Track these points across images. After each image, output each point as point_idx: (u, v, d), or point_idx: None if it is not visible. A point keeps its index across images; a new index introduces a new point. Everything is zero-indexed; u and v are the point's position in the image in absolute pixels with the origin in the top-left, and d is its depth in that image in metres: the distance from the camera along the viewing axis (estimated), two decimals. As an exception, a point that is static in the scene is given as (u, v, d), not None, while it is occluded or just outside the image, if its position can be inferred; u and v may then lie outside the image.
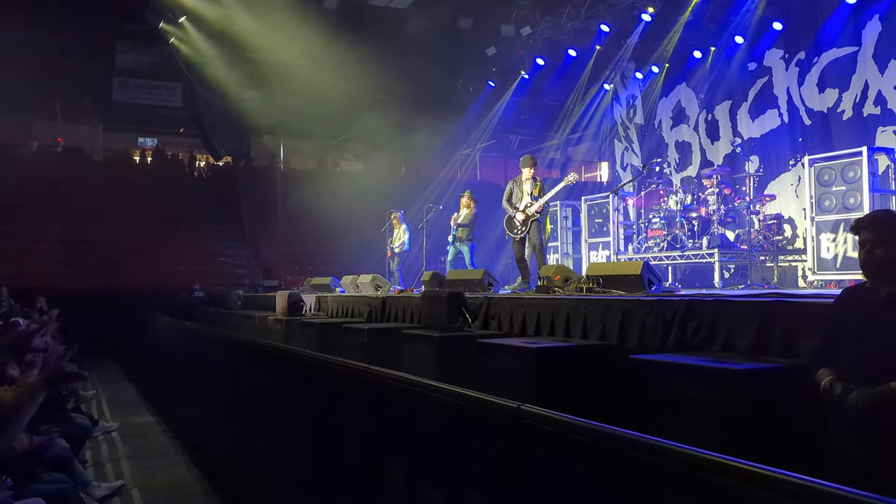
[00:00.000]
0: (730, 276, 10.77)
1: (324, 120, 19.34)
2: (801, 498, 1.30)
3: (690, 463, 1.52)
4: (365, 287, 9.83)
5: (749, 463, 1.42)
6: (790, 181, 12.26)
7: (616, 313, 4.66)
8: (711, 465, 1.48)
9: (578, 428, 1.82)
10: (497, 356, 4.69)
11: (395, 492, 2.86)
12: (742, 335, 3.80)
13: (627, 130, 16.67)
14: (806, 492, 1.29)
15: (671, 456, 1.57)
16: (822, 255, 8.86)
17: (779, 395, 3.07)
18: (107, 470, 6.13)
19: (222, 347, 6.18)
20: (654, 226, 11.53)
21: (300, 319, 8.15)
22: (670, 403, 3.40)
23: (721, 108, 13.84)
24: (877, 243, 2.81)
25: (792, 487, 1.32)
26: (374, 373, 3.05)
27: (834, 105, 11.62)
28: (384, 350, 6.14)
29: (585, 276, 6.28)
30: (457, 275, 8.60)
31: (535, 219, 8.29)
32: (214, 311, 11.65)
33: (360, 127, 19.77)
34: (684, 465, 1.53)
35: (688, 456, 1.54)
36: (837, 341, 2.89)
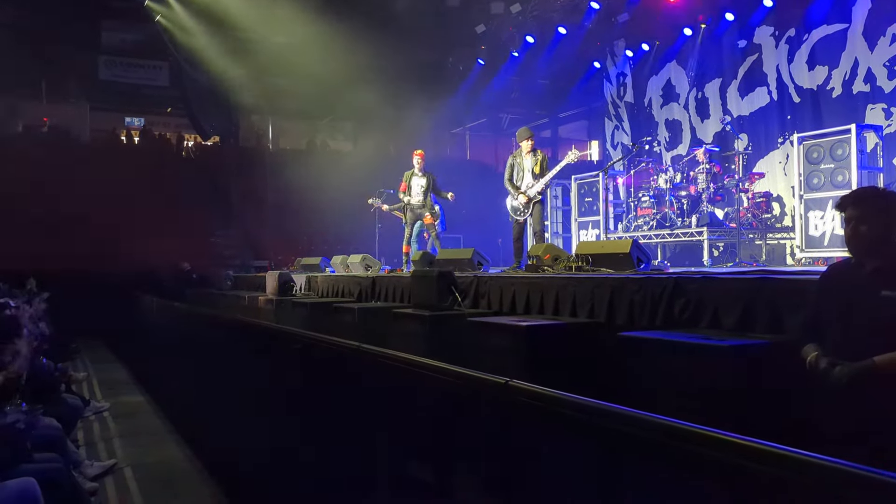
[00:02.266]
0: (719, 255, 10.83)
1: (312, 99, 19.22)
2: (786, 468, 1.33)
3: (679, 436, 1.54)
4: (355, 267, 9.83)
5: (738, 436, 1.44)
6: (779, 159, 12.31)
7: (605, 291, 4.69)
8: (699, 437, 1.50)
9: (566, 402, 1.84)
10: (487, 334, 4.72)
11: (385, 468, 2.88)
12: (729, 312, 3.84)
13: (618, 109, 16.64)
14: (791, 462, 1.31)
15: (660, 429, 1.59)
16: (810, 233, 8.92)
17: (765, 370, 3.11)
18: (99, 449, 6.15)
19: (213, 327, 6.19)
20: (644, 204, 11.56)
21: (291, 299, 8.16)
22: (658, 380, 3.44)
23: (711, 85, 13.83)
24: (862, 220, 2.84)
25: (777, 458, 1.35)
26: (365, 351, 3.06)
27: (823, 82, 11.64)
28: (374, 329, 6.16)
29: (574, 255, 6.30)
30: (447, 254, 8.60)
31: (537, 200, 8.20)
32: (204, 291, 11.63)
33: (349, 106, 19.65)
34: (673, 438, 1.55)
35: (676, 429, 1.56)
36: (823, 317, 2.93)
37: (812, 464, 1.29)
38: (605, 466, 1.79)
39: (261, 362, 4.67)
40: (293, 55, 16.79)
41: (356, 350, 3.15)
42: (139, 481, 5.27)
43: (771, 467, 1.36)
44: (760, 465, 1.38)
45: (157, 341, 8.87)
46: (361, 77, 17.49)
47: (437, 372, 2.46)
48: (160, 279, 13.65)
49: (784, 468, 1.34)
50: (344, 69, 16.71)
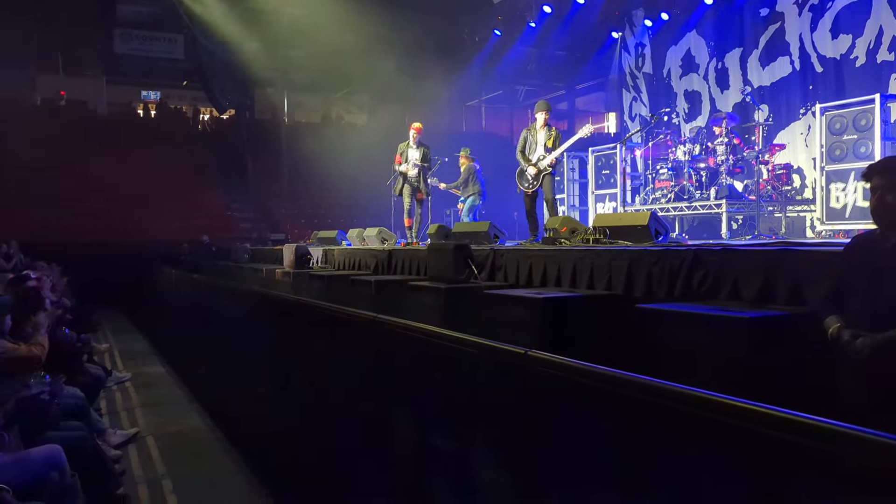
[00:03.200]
0: (737, 227, 10.73)
1: (327, 72, 19.13)
2: (804, 435, 1.32)
3: (697, 404, 1.54)
4: (371, 240, 9.85)
5: (755, 403, 1.44)
6: (800, 130, 12.11)
7: (622, 263, 4.66)
8: (718, 405, 1.50)
9: (586, 372, 1.84)
10: (503, 307, 4.71)
11: (404, 439, 2.91)
12: (749, 284, 3.80)
13: (636, 80, 16.41)
14: (812, 430, 1.31)
15: (679, 398, 1.58)
16: (831, 205, 8.80)
17: (785, 342, 3.09)
18: (122, 418, 6.26)
19: (231, 299, 6.24)
20: (662, 177, 11.44)
21: (307, 272, 8.19)
22: (676, 352, 3.42)
23: (731, 55, 13.59)
24: (887, 190, 2.79)
25: (796, 426, 1.34)
26: (383, 322, 3.07)
27: (847, 51, 11.40)
28: (391, 302, 6.18)
29: (592, 228, 6.27)
30: (463, 227, 8.59)
31: (547, 173, 8.15)
32: (222, 264, 11.71)
33: (365, 79, 19.54)
34: (691, 406, 1.55)
35: (695, 398, 1.55)
36: (846, 289, 2.89)
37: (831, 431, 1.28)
38: (623, 436, 1.80)
39: (278, 333, 4.71)
40: (308, 27, 16.69)
41: (373, 321, 3.17)
42: (161, 449, 5.36)
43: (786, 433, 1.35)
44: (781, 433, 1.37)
45: (177, 313, 8.97)
46: (377, 49, 17.38)
47: (456, 342, 2.46)
48: (179, 252, 13.76)
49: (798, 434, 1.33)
50: (359, 41, 16.59)
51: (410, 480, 2.84)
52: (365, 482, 3.31)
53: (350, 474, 3.47)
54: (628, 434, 1.77)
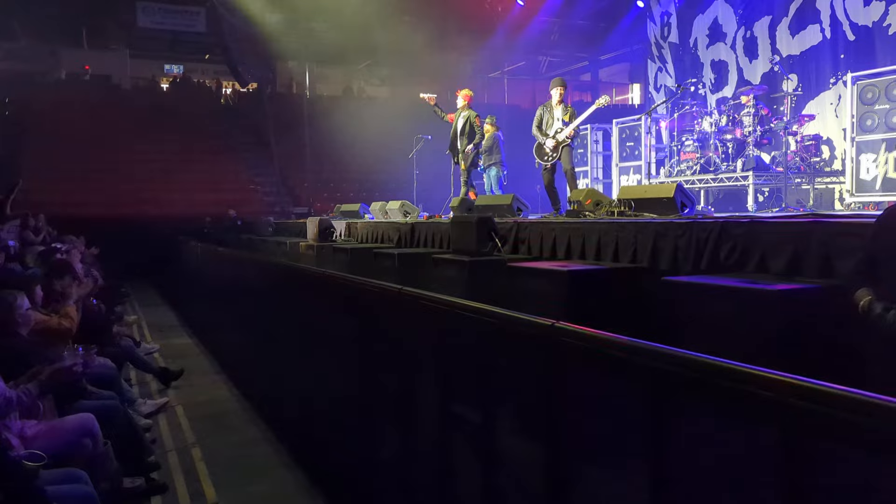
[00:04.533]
0: (764, 200, 10.58)
1: (349, 45, 19.02)
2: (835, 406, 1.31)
3: (726, 375, 1.53)
4: (394, 213, 9.86)
5: (785, 374, 1.43)
6: (830, 100, 11.85)
7: (648, 236, 4.62)
8: (747, 377, 1.49)
9: (614, 343, 1.84)
10: (528, 279, 4.70)
11: (431, 409, 2.93)
12: (777, 256, 3.75)
13: (661, 50, 16.13)
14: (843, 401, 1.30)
15: (707, 368, 1.58)
16: (861, 177, 8.64)
17: (815, 315, 3.06)
18: (151, 389, 6.39)
19: (257, 272, 6.30)
20: (688, 148, 11.29)
21: (331, 245, 8.23)
22: (704, 325, 3.40)
23: (760, 24, 13.28)
24: (924, 160, 2.73)
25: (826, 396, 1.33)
26: (408, 294, 3.09)
27: (880, 19, 11.08)
28: (414, 274, 6.19)
29: (616, 200, 6.21)
30: (486, 200, 8.56)
31: (566, 144, 8.12)
32: (246, 237, 11.81)
33: (385, 51, 19.39)
34: (720, 377, 1.54)
35: (724, 368, 1.55)
36: (877, 261, 2.85)
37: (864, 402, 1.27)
38: (651, 407, 1.79)
39: (305, 306, 4.75)
40: None
41: (399, 293, 3.18)
42: (190, 419, 5.47)
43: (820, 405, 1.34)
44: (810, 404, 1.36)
45: (203, 286, 9.09)
46: (398, 21, 17.23)
47: (483, 314, 2.47)
48: (205, 225, 13.89)
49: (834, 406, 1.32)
50: (380, 13, 16.46)
51: (436, 452, 2.87)
52: (389, 453, 3.35)
53: (375, 445, 3.51)
54: (655, 405, 1.77)
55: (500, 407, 2.53)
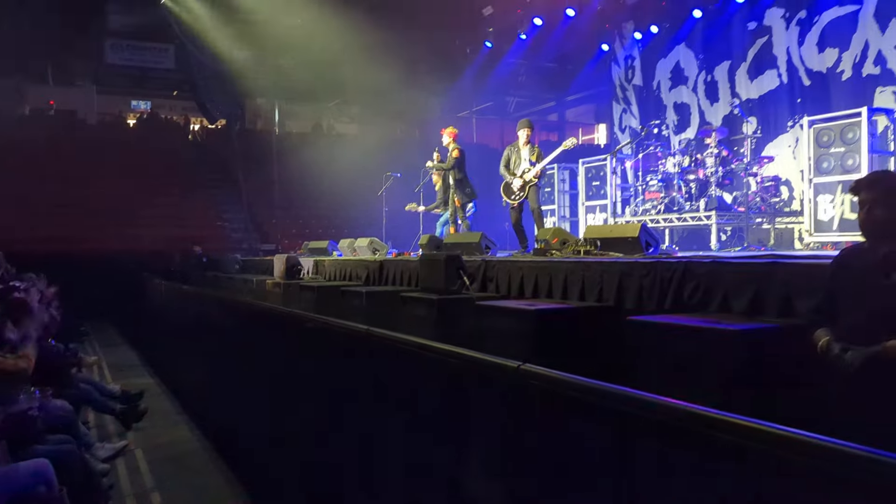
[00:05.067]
0: (726, 239, 10.80)
1: (319, 82, 19.17)
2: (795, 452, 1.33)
3: (689, 419, 1.55)
4: (362, 250, 9.84)
5: (749, 419, 1.45)
6: (788, 143, 12.21)
7: (614, 275, 4.68)
8: (708, 420, 1.51)
9: (579, 386, 1.84)
10: (495, 318, 4.72)
11: (397, 451, 2.90)
12: (739, 296, 3.82)
13: (626, 92, 16.52)
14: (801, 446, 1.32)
15: (671, 412, 1.59)
16: (819, 217, 8.87)
17: (775, 354, 3.11)
18: (110, 431, 6.21)
19: (221, 311, 6.21)
20: (652, 188, 11.50)
21: (298, 283, 8.17)
22: (668, 364, 3.43)
23: (720, 68, 13.70)
24: (876, 203, 2.82)
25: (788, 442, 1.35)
26: (376, 335, 3.07)
27: (833, 65, 11.52)
28: (382, 313, 6.17)
29: (583, 239, 6.29)
30: (455, 238, 8.60)
31: (532, 184, 8.25)
32: (212, 274, 11.66)
33: (356, 89, 19.58)
34: (683, 420, 1.56)
35: (686, 412, 1.56)
36: (835, 301, 2.91)
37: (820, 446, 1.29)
38: (616, 449, 1.80)
39: (269, 345, 4.69)
40: (300, 38, 16.73)
41: (366, 333, 3.16)
42: (150, 462, 5.32)
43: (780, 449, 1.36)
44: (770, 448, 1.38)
45: (166, 324, 8.92)
46: (368, 60, 17.42)
47: (448, 356, 2.47)
48: (170, 262, 13.69)
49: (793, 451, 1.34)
50: (351, 52, 16.65)
51: (404, 494, 2.83)
52: (356, 497, 3.29)
53: (342, 488, 3.45)
54: (620, 448, 1.78)
55: (468, 448, 2.51)
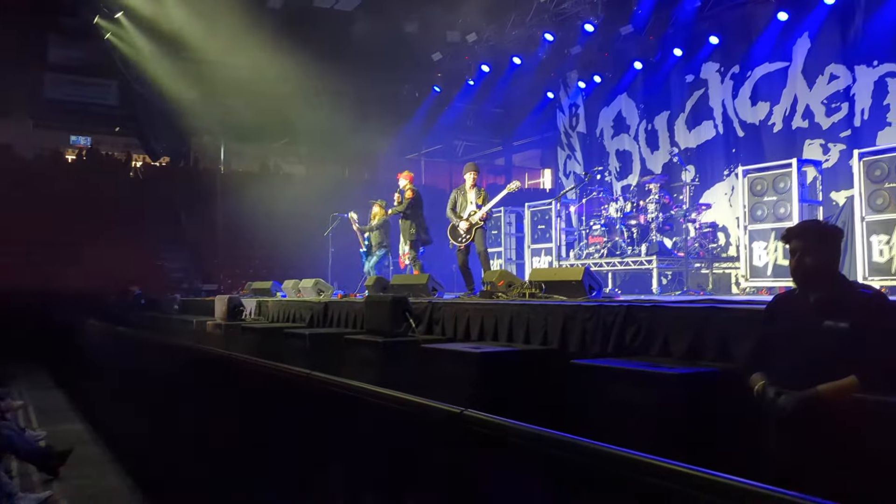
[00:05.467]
0: (667, 283, 11.05)
1: (266, 122, 19.08)
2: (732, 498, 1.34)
3: (629, 466, 1.55)
4: (307, 291, 9.72)
5: (685, 465, 1.46)
6: (724, 191, 12.66)
7: (558, 318, 4.73)
8: (650, 467, 1.51)
9: (521, 433, 1.83)
10: (441, 361, 4.70)
11: (337, 499, 2.82)
12: (679, 340, 3.90)
13: (570, 138, 16.94)
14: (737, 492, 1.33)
15: (611, 459, 1.59)
16: (754, 263, 9.17)
17: (714, 398, 3.16)
18: (34, 481, 5.88)
19: (157, 354, 6.01)
20: (595, 232, 11.74)
21: (240, 324, 8.01)
22: (610, 407, 3.46)
23: (660, 118, 14.20)
24: (806, 252, 2.92)
25: (724, 488, 1.36)
26: (316, 379, 3.01)
27: (765, 118, 12.07)
28: (326, 355, 6.08)
29: (528, 282, 6.35)
30: (401, 280, 8.58)
31: (479, 226, 8.33)
32: (150, 315, 11.33)
33: (304, 130, 19.54)
34: (623, 468, 1.56)
35: (627, 459, 1.57)
36: (769, 346, 2.99)
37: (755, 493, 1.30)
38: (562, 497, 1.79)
39: (207, 390, 4.55)
40: (249, 78, 16.68)
41: (307, 378, 3.10)
42: (76, 514, 5.05)
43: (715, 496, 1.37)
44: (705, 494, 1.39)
45: (99, 367, 8.58)
46: (317, 101, 17.47)
47: (390, 401, 2.43)
48: (106, 303, 13.25)
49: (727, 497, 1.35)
50: (299, 92, 16.66)
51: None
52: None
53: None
54: (565, 495, 1.77)
55: (410, 496, 2.46)
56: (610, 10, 13.22)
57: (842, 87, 10.93)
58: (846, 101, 10.85)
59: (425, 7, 15.81)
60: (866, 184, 7.75)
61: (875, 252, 7.64)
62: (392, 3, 15.75)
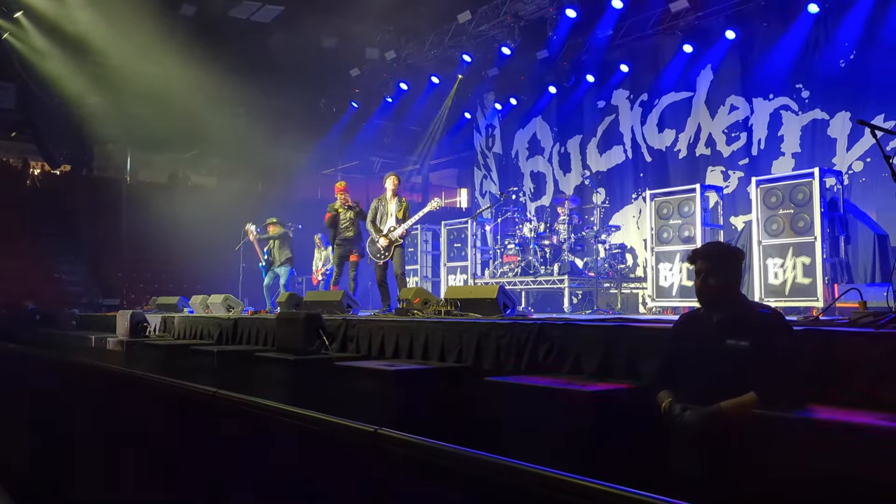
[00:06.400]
0: (578, 302, 11.32)
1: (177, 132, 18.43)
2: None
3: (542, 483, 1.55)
4: (216, 307, 9.40)
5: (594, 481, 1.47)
6: (632, 213, 13.14)
7: (473, 336, 4.74)
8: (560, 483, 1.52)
9: (436, 451, 1.81)
10: (355, 379, 4.63)
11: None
12: (590, 357, 3.98)
13: (486, 159, 17.20)
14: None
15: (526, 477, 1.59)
16: (660, 283, 9.52)
17: (623, 415, 3.24)
18: None
19: (50, 372, 5.65)
20: (510, 252, 11.92)
21: (143, 341, 7.66)
22: (524, 423, 3.49)
23: (573, 141, 14.62)
24: (710, 273, 3.04)
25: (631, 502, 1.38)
26: (223, 397, 2.89)
27: (671, 144, 12.63)
28: (235, 374, 5.88)
29: (444, 299, 6.36)
30: (315, 296, 8.43)
31: (398, 244, 8.26)
32: (44, 331, 10.68)
33: (216, 141, 19.01)
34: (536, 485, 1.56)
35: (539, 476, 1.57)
36: (675, 364, 3.09)
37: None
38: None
39: (106, 409, 4.30)
40: (157, 86, 16.10)
41: (213, 396, 2.98)
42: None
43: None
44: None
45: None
46: (230, 112, 17.05)
47: (302, 420, 2.36)
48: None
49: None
50: (212, 103, 16.21)
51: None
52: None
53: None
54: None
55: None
56: (526, 35, 13.54)
57: (741, 118, 11.58)
58: (745, 131, 11.50)
59: (344, 23, 15.75)
60: (763, 209, 8.20)
61: (770, 274, 8.07)
62: (310, 18, 15.58)
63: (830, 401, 2.77)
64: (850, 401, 2.76)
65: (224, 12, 16.43)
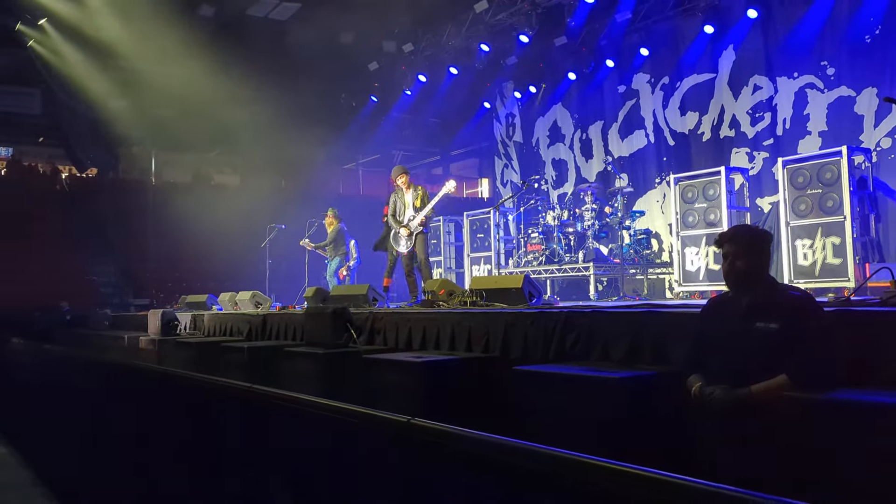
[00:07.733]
0: (603, 289, 11.28)
1: (199, 132, 18.63)
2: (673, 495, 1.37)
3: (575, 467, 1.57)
4: (244, 304, 9.52)
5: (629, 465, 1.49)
6: (656, 198, 13.03)
7: (499, 326, 4.76)
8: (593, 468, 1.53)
9: (469, 440, 1.84)
10: (383, 371, 4.67)
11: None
12: (617, 345, 3.98)
13: (507, 148, 17.14)
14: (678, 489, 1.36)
15: (557, 462, 1.61)
16: (687, 268, 9.45)
17: (652, 400, 3.24)
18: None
19: (86, 371, 5.78)
20: (533, 240, 11.90)
21: (174, 339, 7.78)
22: (552, 412, 3.50)
23: (594, 127, 14.52)
24: (738, 256, 3.02)
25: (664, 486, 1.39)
26: (257, 392, 2.94)
27: (694, 127, 12.49)
28: (266, 369, 5.96)
29: (469, 290, 6.38)
30: (341, 290, 8.49)
31: (419, 232, 8.29)
32: (78, 332, 10.89)
33: (238, 139, 19.19)
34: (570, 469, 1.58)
35: (572, 461, 1.58)
36: (704, 349, 3.08)
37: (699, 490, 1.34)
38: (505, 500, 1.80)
39: (141, 407, 4.39)
40: (180, 86, 16.28)
41: (247, 391, 3.03)
42: (0, 543, 4.80)
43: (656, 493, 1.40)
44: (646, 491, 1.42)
45: (25, 387, 8.20)
46: (251, 111, 17.18)
47: (335, 412, 2.40)
48: (29, 320, 12.65)
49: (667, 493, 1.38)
50: (234, 102, 16.36)
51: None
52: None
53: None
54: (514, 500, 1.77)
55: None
56: (544, 22, 13.45)
57: (765, 98, 11.40)
58: (769, 111, 11.32)
59: (361, 17, 15.77)
60: (790, 190, 8.09)
61: (800, 256, 7.98)
62: (327, 13, 15.62)
63: (862, 382, 2.75)
64: (882, 382, 2.73)
65: (242, 11, 16.55)
